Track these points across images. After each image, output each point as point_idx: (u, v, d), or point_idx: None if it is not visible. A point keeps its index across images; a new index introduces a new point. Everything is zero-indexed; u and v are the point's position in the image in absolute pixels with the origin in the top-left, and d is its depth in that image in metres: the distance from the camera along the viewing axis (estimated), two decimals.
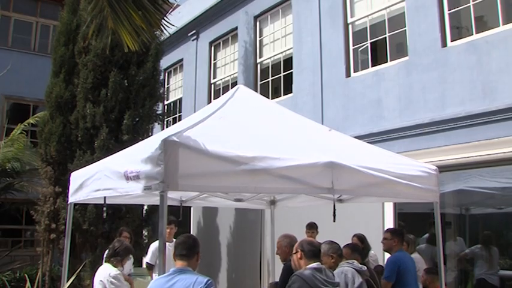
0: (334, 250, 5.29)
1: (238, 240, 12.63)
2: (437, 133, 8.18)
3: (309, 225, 8.33)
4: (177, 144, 3.98)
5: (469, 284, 8.98)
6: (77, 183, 6.15)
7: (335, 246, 5.35)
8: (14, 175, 14.58)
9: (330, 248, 5.31)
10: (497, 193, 8.36)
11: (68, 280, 6.05)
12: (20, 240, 18.23)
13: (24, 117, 15.69)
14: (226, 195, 7.18)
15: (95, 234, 10.85)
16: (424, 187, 5.67)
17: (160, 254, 4.25)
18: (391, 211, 8.75)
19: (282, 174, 4.35)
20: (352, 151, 5.35)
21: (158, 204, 4.13)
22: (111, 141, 10.68)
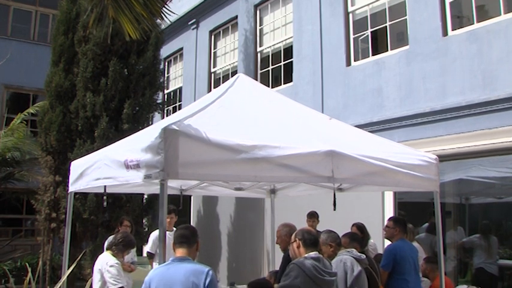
0: (332, 239, 5.29)
1: (239, 229, 12.66)
2: (437, 122, 8.17)
3: (310, 214, 8.35)
4: (177, 133, 3.98)
5: (468, 273, 9.01)
6: (77, 172, 6.15)
7: (333, 235, 5.35)
8: (14, 164, 14.59)
9: (329, 237, 5.31)
10: (497, 183, 8.38)
11: (69, 269, 6.05)
12: (21, 230, 18.28)
13: (24, 107, 15.67)
14: (226, 184, 7.18)
15: (95, 223, 10.87)
16: (424, 176, 5.68)
17: (160, 243, 4.25)
18: (391, 200, 8.75)
19: (282, 162, 4.35)
20: (353, 140, 5.35)
21: (158, 193, 4.13)
22: (111, 130, 10.68)
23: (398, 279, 6.13)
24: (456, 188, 8.95)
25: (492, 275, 8.46)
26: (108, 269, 5.79)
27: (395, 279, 6.14)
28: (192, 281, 3.86)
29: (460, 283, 7.72)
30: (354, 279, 5.00)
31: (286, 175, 4.54)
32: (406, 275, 6.17)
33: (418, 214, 9.35)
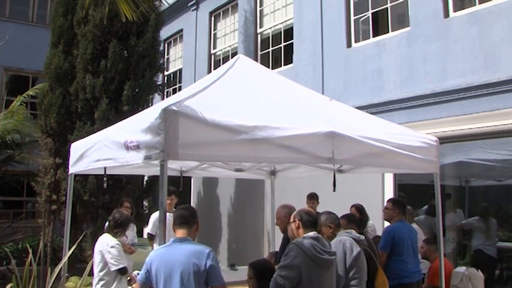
0: (331, 220, 5.29)
1: (239, 210, 12.70)
2: (438, 104, 8.15)
3: (310, 195, 8.35)
4: (177, 114, 3.96)
5: (467, 255, 9.06)
6: (77, 153, 6.15)
7: (333, 216, 5.34)
8: (14, 147, 14.58)
9: (328, 218, 5.31)
10: (497, 165, 8.38)
11: (69, 250, 6.07)
12: (21, 212, 18.33)
13: (23, 89, 15.62)
14: (226, 166, 7.18)
15: (95, 205, 10.90)
16: (425, 158, 5.68)
17: (160, 224, 4.25)
18: (391, 182, 8.77)
19: (283, 143, 4.34)
20: (353, 121, 5.34)
21: (158, 175, 4.13)
22: (111, 112, 10.67)
23: (397, 260, 6.16)
24: (456, 171, 8.96)
25: (490, 257, 8.50)
26: (109, 250, 5.81)
27: (393, 261, 6.17)
28: (193, 262, 3.88)
29: (459, 265, 7.73)
30: (353, 260, 5.02)
31: (286, 156, 4.54)
32: (404, 257, 6.20)
33: (418, 196, 9.37)
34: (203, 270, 3.86)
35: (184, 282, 3.85)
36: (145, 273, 4.09)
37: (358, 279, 5.05)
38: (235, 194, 12.81)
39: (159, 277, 3.96)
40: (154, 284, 4.02)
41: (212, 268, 3.90)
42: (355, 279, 5.03)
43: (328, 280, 4.40)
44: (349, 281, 5.00)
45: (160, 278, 3.95)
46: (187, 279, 3.85)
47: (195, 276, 3.86)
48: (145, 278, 4.08)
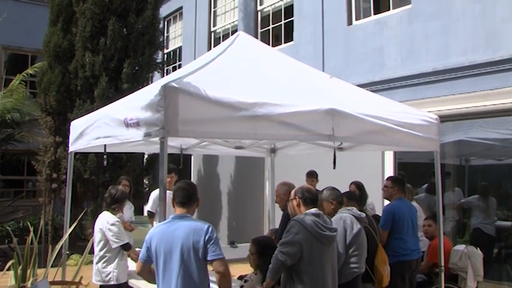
0: (334, 197, 5.28)
1: (239, 188, 12.73)
2: (439, 82, 8.12)
3: (309, 173, 8.34)
4: (176, 90, 3.93)
5: (466, 233, 9.09)
6: (77, 131, 6.14)
7: (336, 192, 5.34)
8: (14, 126, 14.59)
9: (331, 194, 5.30)
10: (497, 144, 8.37)
11: (70, 228, 6.09)
12: (22, 191, 18.39)
13: (22, 68, 15.56)
14: (226, 143, 7.17)
15: (96, 184, 10.94)
16: (425, 136, 5.67)
17: (160, 201, 4.25)
18: (391, 160, 8.77)
19: (283, 120, 4.32)
20: (353, 98, 5.31)
21: (158, 153, 4.11)
22: (110, 90, 10.65)
23: (397, 238, 6.17)
24: (456, 149, 8.96)
25: (489, 236, 8.53)
26: (109, 228, 5.81)
27: (393, 239, 6.18)
28: (193, 238, 3.88)
29: (458, 243, 7.77)
30: (353, 237, 5.03)
31: (286, 133, 4.52)
32: (403, 235, 6.21)
33: (418, 175, 9.38)
34: (203, 246, 3.86)
35: (184, 258, 3.86)
36: (146, 250, 4.09)
37: (357, 257, 5.07)
38: (235, 172, 12.83)
39: (159, 254, 3.97)
40: (154, 261, 4.02)
41: (211, 243, 3.90)
42: (354, 256, 5.05)
43: (330, 256, 4.41)
44: (348, 258, 5.03)
45: (160, 254, 3.96)
46: (188, 255, 3.86)
47: (195, 252, 3.86)
48: (147, 255, 4.08)
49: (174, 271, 3.90)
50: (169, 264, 3.92)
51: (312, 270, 4.24)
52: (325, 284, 4.30)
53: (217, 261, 3.89)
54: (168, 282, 3.92)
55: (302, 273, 4.23)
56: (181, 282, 3.87)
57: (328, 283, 4.32)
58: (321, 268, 4.28)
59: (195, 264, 3.88)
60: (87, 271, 5.86)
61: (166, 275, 3.93)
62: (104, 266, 5.82)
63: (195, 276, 3.89)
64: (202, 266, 3.90)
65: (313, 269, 4.24)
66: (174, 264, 3.90)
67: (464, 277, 6.67)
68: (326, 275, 4.31)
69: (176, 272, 3.88)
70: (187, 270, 3.88)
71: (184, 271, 3.87)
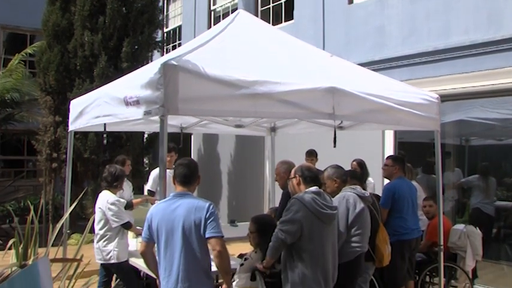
0: (338, 175, 5.27)
1: (239, 167, 12.75)
2: (440, 62, 8.08)
3: (309, 152, 8.33)
4: (176, 68, 3.91)
5: (466, 213, 9.11)
6: (77, 110, 6.13)
7: (340, 171, 5.32)
8: (13, 105, 14.56)
9: (335, 172, 5.30)
10: (497, 124, 8.35)
11: (70, 207, 6.08)
12: (23, 171, 18.41)
13: (21, 47, 15.46)
14: (226, 122, 7.16)
15: (96, 163, 10.95)
16: (425, 115, 5.66)
17: (160, 180, 4.26)
18: (392, 140, 8.76)
19: (283, 98, 4.30)
20: (354, 77, 5.29)
21: (158, 132, 4.10)
22: (110, 69, 10.62)
23: (397, 217, 6.18)
24: (456, 129, 8.94)
25: (488, 215, 8.55)
26: (109, 207, 5.82)
27: (393, 218, 6.19)
28: (194, 216, 3.88)
29: (458, 223, 7.79)
30: (355, 216, 5.02)
31: (286, 111, 4.51)
32: (404, 214, 6.22)
33: (418, 154, 9.37)
34: (204, 223, 3.87)
35: (186, 235, 3.87)
36: (148, 229, 4.09)
37: (360, 236, 5.07)
38: (236, 151, 12.83)
39: (161, 232, 3.97)
40: (156, 239, 4.03)
41: (211, 220, 3.90)
42: (357, 236, 5.04)
43: (330, 234, 4.41)
44: (351, 237, 5.02)
45: (162, 232, 3.96)
46: (189, 233, 3.87)
47: (197, 230, 3.87)
48: (149, 234, 4.08)
49: (176, 249, 3.91)
50: (171, 242, 3.93)
51: (312, 248, 4.24)
52: (325, 262, 4.32)
53: (215, 239, 3.89)
54: (170, 260, 3.93)
55: (302, 251, 4.23)
56: (184, 260, 3.88)
57: (328, 261, 4.34)
58: (321, 246, 4.28)
59: (197, 242, 3.89)
60: (88, 250, 5.86)
61: (168, 253, 3.94)
62: (104, 245, 5.85)
63: (198, 254, 3.91)
64: (204, 244, 3.92)
65: (313, 247, 4.25)
66: (176, 242, 3.90)
67: (463, 256, 6.71)
68: (326, 253, 4.32)
69: (179, 250, 3.90)
70: (190, 247, 3.89)
71: (186, 249, 3.88)
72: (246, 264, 4.61)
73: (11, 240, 4.20)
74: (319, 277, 4.25)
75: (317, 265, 4.25)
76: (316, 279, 4.23)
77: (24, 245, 3.86)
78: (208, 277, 4.01)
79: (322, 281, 4.27)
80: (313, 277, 4.22)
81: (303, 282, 4.21)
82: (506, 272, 8.20)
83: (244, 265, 4.61)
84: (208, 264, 4.00)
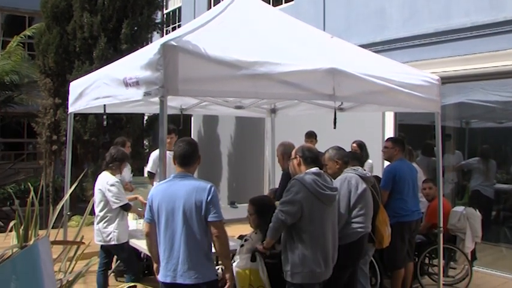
0: (340, 156, 5.24)
1: (239, 149, 12.76)
2: (441, 44, 8.05)
3: (308, 134, 8.31)
4: (176, 49, 3.88)
5: (465, 195, 9.12)
6: (77, 92, 6.11)
7: (342, 152, 5.30)
8: (13, 88, 14.55)
9: (337, 153, 5.25)
10: (498, 107, 8.33)
11: (70, 188, 6.09)
12: (23, 153, 18.43)
13: (20, 29, 15.40)
14: (226, 103, 7.13)
15: (96, 145, 10.96)
16: (426, 96, 5.64)
17: (160, 161, 4.24)
18: (392, 122, 8.76)
19: (283, 79, 4.28)
20: (354, 58, 5.27)
21: (158, 113, 4.08)
22: (109, 51, 10.57)
23: (397, 199, 6.17)
24: (457, 112, 8.92)
25: (488, 198, 8.57)
26: (109, 188, 5.80)
27: (394, 199, 6.18)
28: (195, 197, 3.86)
29: (457, 205, 7.81)
30: (357, 197, 5.00)
31: (286, 92, 4.48)
32: (404, 195, 6.21)
33: (418, 136, 9.36)
34: (205, 205, 3.85)
35: (187, 217, 3.86)
36: (150, 210, 4.07)
37: (363, 216, 5.05)
38: (236, 133, 12.83)
39: (161, 213, 3.96)
40: (156, 220, 4.02)
41: (213, 203, 3.89)
42: (360, 216, 5.02)
43: (330, 215, 4.41)
44: (353, 218, 5.00)
45: (162, 213, 3.95)
46: (190, 214, 3.86)
47: (197, 211, 3.85)
48: (151, 215, 4.07)
49: (177, 230, 3.90)
50: (171, 224, 3.92)
51: (312, 229, 4.25)
52: (325, 243, 4.32)
53: (216, 223, 3.89)
54: (171, 241, 3.93)
55: (302, 232, 4.24)
56: (184, 242, 3.87)
57: (328, 242, 4.34)
58: (321, 227, 4.29)
59: (197, 224, 3.87)
60: (88, 232, 5.87)
61: (168, 234, 3.93)
62: (104, 227, 5.84)
63: (198, 236, 3.89)
64: (204, 225, 3.90)
65: (314, 228, 4.25)
66: (177, 223, 3.89)
67: (463, 238, 6.73)
68: (326, 234, 4.33)
69: (179, 231, 3.88)
70: (190, 229, 3.87)
71: (187, 230, 3.87)
72: (246, 245, 4.62)
73: (12, 222, 4.21)
74: (319, 258, 4.26)
75: (317, 246, 4.26)
76: (316, 260, 4.25)
77: (24, 226, 3.87)
78: (208, 259, 3.99)
79: (322, 262, 4.28)
80: (313, 258, 4.23)
81: (303, 263, 4.22)
82: (505, 254, 8.24)
83: (244, 246, 4.63)
84: (208, 246, 3.98)
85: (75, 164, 9.94)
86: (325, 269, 4.34)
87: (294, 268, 4.26)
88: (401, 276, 6.25)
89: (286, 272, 4.31)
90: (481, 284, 7.24)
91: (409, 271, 6.47)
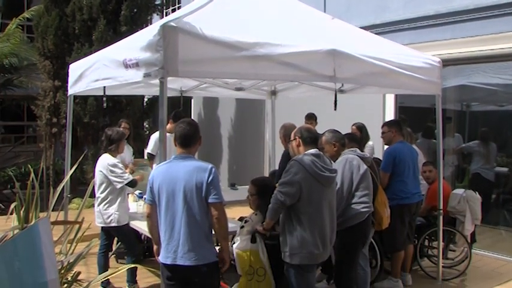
0: (337, 139, 5.23)
1: (239, 131, 12.76)
2: (442, 26, 8.00)
3: (308, 115, 8.29)
4: (176, 30, 3.86)
5: (465, 178, 9.13)
6: (76, 74, 6.10)
7: (338, 135, 5.28)
8: (12, 71, 14.51)
9: (333, 136, 5.24)
10: (499, 90, 8.30)
11: (70, 170, 6.09)
12: (23, 136, 18.43)
13: (18, 12, 15.29)
14: (226, 85, 7.12)
15: (96, 127, 10.95)
16: (427, 79, 5.64)
17: (161, 143, 4.24)
18: (392, 104, 8.74)
19: (283, 60, 4.27)
20: (355, 40, 5.26)
21: (158, 95, 4.07)
22: (109, 33, 10.52)
23: (397, 181, 6.15)
24: (457, 94, 8.90)
25: (488, 181, 8.57)
26: (110, 169, 5.79)
27: (394, 181, 6.16)
28: (196, 178, 3.85)
29: (457, 188, 7.82)
30: (360, 177, 5.03)
31: (286, 73, 4.47)
32: (404, 177, 6.19)
33: (418, 119, 9.34)
34: (205, 186, 3.85)
35: (187, 198, 3.85)
36: (151, 191, 4.06)
37: (367, 196, 5.09)
38: (236, 115, 12.82)
39: (162, 194, 3.95)
40: (157, 201, 4.01)
41: (213, 185, 3.88)
42: (364, 196, 5.05)
43: (328, 197, 4.41)
44: (359, 198, 5.01)
45: (163, 194, 3.94)
46: (190, 196, 3.85)
47: (198, 192, 3.85)
48: (152, 196, 4.06)
49: (177, 212, 3.89)
50: (172, 205, 3.91)
51: (310, 210, 4.26)
52: (323, 225, 4.33)
53: (216, 204, 3.89)
54: (171, 223, 3.92)
55: (300, 213, 4.25)
56: (185, 223, 3.87)
57: (325, 224, 4.35)
58: (319, 209, 4.30)
59: (198, 205, 3.87)
60: (89, 214, 5.89)
61: (169, 216, 3.93)
62: (105, 208, 5.84)
63: (198, 217, 3.88)
64: (205, 206, 3.90)
65: (312, 210, 4.26)
66: (178, 205, 3.89)
67: (462, 221, 6.74)
68: (324, 215, 4.33)
69: (180, 212, 3.88)
70: (191, 210, 3.87)
71: (187, 212, 3.87)
72: (246, 227, 4.63)
73: (13, 204, 4.22)
74: (317, 239, 4.28)
75: (315, 227, 4.27)
76: (315, 241, 4.26)
77: (25, 208, 3.88)
78: (208, 240, 3.99)
79: (320, 244, 4.30)
80: (311, 239, 4.25)
81: (302, 245, 4.24)
82: (505, 236, 8.27)
83: (244, 227, 4.63)
84: (208, 227, 3.98)
85: (75, 147, 9.93)
86: (323, 251, 4.36)
87: (292, 249, 4.28)
88: (401, 258, 6.27)
89: (284, 253, 4.34)
90: (480, 267, 7.28)
91: (409, 253, 6.49)
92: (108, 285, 6.06)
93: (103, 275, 4.55)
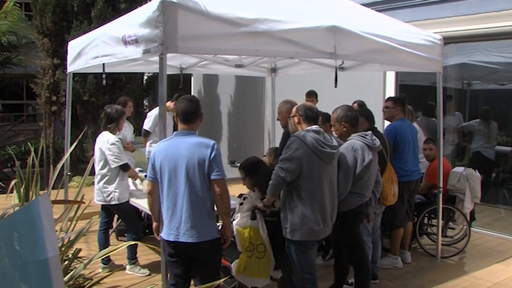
0: (347, 119, 4.89)
1: (239, 108, 12.74)
2: (444, 3, 7.93)
3: (309, 93, 8.25)
4: (175, 5, 3.83)
5: (466, 156, 9.13)
6: (75, 51, 6.07)
7: (350, 114, 4.93)
8: (10, 49, 14.42)
9: (344, 115, 4.91)
10: (500, 68, 8.27)
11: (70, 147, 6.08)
12: (22, 115, 18.39)
13: None
14: (226, 62, 7.07)
15: (95, 106, 10.92)
16: (428, 56, 5.61)
17: (160, 119, 4.23)
18: (393, 82, 8.70)
19: (284, 37, 4.24)
20: (356, 17, 5.21)
21: (158, 73, 4.05)
22: (108, 10, 10.44)
23: (397, 159, 6.13)
24: (458, 73, 8.86)
25: (488, 159, 8.57)
26: (108, 147, 5.78)
27: (394, 159, 6.10)
28: (198, 154, 3.85)
29: (457, 166, 7.82)
30: (363, 168, 4.77)
31: (287, 50, 4.44)
32: (404, 155, 6.19)
33: (419, 97, 9.32)
34: (208, 163, 3.84)
35: (189, 175, 3.85)
36: (152, 168, 4.05)
37: (366, 188, 4.89)
38: (236, 93, 12.79)
39: (164, 171, 3.95)
40: (159, 178, 4.00)
41: (216, 161, 3.88)
42: (363, 188, 4.86)
43: (329, 174, 4.39)
44: (356, 188, 4.84)
45: (165, 171, 3.94)
46: (193, 172, 3.85)
47: (200, 169, 3.84)
48: (154, 173, 4.05)
49: (179, 189, 3.89)
50: (174, 182, 3.91)
51: (310, 187, 4.24)
52: (323, 201, 4.32)
53: (218, 181, 3.89)
54: (174, 200, 3.93)
55: (301, 189, 4.24)
56: (187, 200, 3.88)
57: (326, 200, 4.34)
58: (320, 185, 4.28)
59: (200, 182, 3.87)
60: (89, 192, 5.91)
61: (171, 193, 3.93)
62: (105, 186, 5.84)
63: (200, 194, 3.89)
64: (207, 183, 3.90)
65: (312, 186, 4.24)
66: (180, 181, 3.88)
67: (462, 199, 6.77)
68: (324, 192, 4.32)
69: (182, 189, 3.88)
70: (193, 187, 3.87)
71: (190, 188, 3.87)
72: (245, 204, 4.63)
73: (13, 181, 4.21)
74: (318, 216, 4.28)
75: (315, 204, 4.26)
76: (315, 218, 4.26)
77: (25, 186, 3.87)
78: (210, 217, 4.00)
79: (320, 220, 4.30)
80: (312, 216, 4.24)
81: (302, 221, 4.24)
82: (504, 215, 8.30)
83: (243, 204, 4.64)
84: (210, 204, 3.99)
85: (75, 125, 9.93)
86: (324, 227, 4.36)
87: (293, 226, 4.28)
88: (400, 235, 6.30)
89: (285, 229, 4.34)
90: (479, 245, 7.31)
91: (408, 231, 6.52)
92: (109, 262, 6.10)
93: (103, 251, 4.55)
